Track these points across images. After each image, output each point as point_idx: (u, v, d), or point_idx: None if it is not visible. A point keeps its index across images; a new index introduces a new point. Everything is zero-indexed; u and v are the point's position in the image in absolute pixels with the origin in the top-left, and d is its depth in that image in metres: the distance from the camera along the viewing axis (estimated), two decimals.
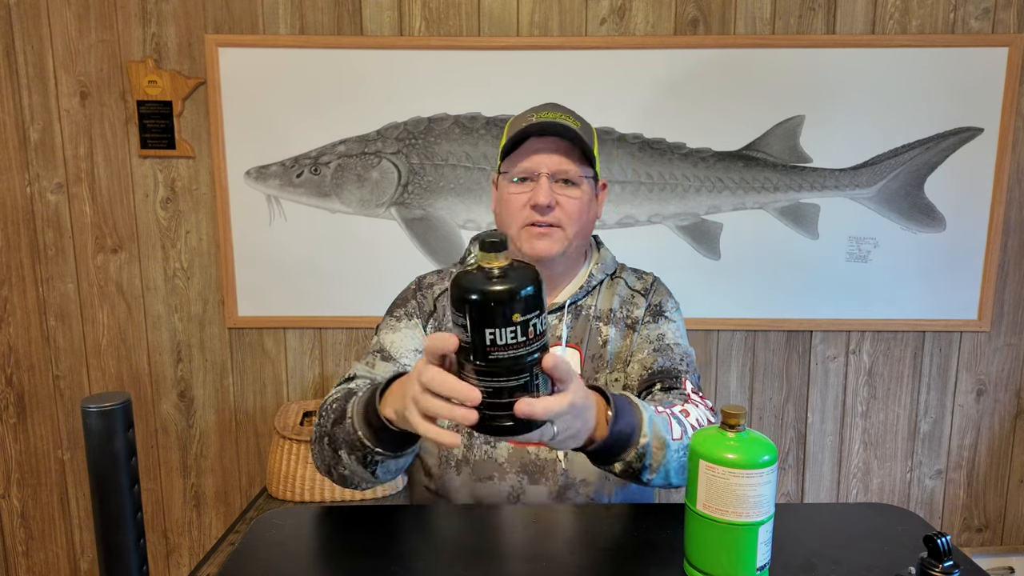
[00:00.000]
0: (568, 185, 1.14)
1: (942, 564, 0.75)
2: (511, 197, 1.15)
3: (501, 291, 0.70)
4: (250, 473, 2.22)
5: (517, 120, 1.17)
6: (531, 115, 1.15)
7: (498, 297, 0.70)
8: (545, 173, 1.12)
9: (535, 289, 0.71)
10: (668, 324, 1.19)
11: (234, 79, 2.01)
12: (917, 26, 1.98)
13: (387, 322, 1.22)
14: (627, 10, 1.99)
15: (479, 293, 0.70)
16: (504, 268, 0.72)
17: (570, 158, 1.13)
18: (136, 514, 0.74)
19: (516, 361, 0.72)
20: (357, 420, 0.92)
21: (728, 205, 2.07)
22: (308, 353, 2.16)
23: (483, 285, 0.70)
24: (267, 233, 2.09)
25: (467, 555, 0.89)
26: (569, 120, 1.13)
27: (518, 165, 1.14)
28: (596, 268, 1.23)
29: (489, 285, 0.70)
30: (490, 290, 0.70)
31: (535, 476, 1.13)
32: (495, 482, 1.13)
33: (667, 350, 1.15)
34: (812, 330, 2.15)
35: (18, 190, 2.06)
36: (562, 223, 1.13)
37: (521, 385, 0.73)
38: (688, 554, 0.82)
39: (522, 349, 0.71)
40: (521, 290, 0.70)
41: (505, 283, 0.70)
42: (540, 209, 1.12)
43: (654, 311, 1.21)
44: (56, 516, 2.25)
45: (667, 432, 0.92)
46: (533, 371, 0.73)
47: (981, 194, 2.06)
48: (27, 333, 2.14)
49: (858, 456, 2.22)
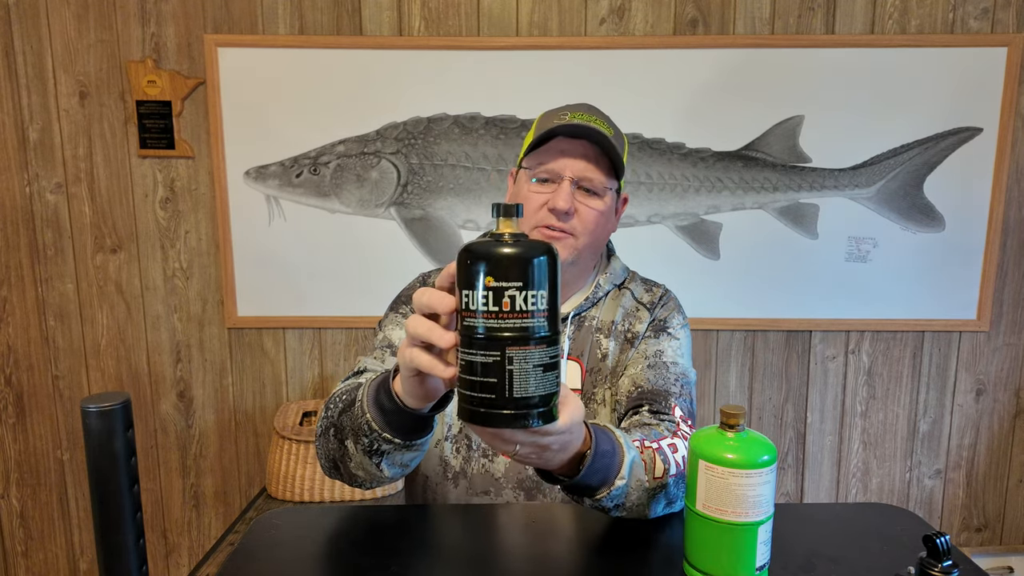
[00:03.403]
0: (590, 194, 1.09)
1: (941, 564, 0.75)
2: (530, 195, 1.10)
3: (478, 250, 0.65)
4: (249, 473, 2.22)
5: (548, 115, 1.12)
6: (564, 113, 1.09)
7: (473, 255, 0.65)
8: (569, 178, 1.07)
9: (522, 259, 0.65)
10: (669, 341, 1.14)
11: (233, 79, 2.01)
12: (916, 26, 1.99)
13: (392, 318, 1.19)
14: (626, 10, 1.99)
15: (462, 251, 0.66)
16: (513, 235, 0.67)
17: (597, 166, 1.08)
18: (136, 514, 0.74)
19: (486, 333, 0.65)
20: (367, 402, 0.87)
21: (727, 205, 2.07)
22: (307, 353, 2.16)
23: (470, 244, 0.66)
24: (266, 233, 2.09)
25: (467, 555, 0.89)
26: (603, 126, 1.08)
27: (543, 164, 1.09)
28: (604, 279, 1.19)
29: (476, 245, 0.66)
30: (469, 247, 0.66)
31: (532, 493, 1.11)
32: (491, 497, 1.12)
33: (662, 367, 1.09)
34: (811, 330, 2.15)
35: (17, 190, 2.06)
36: (576, 231, 1.09)
37: (492, 365, 0.65)
38: (688, 554, 0.82)
39: (492, 320, 0.65)
40: (502, 254, 0.65)
41: (492, 245, 0.65)
42: (558, 214, 1.07)
43: (657, 326, 1.16)
44: (55, 516, 2.25)
45: (646, 473, 0.89)
46: (506, 353, 0.65)
47: (980, 194, 2.06)
48: (26, 333, 2.14)
49: (857, 456, 2.22)
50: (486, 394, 0.66)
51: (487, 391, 0.66)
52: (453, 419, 1.15)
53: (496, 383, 0.66)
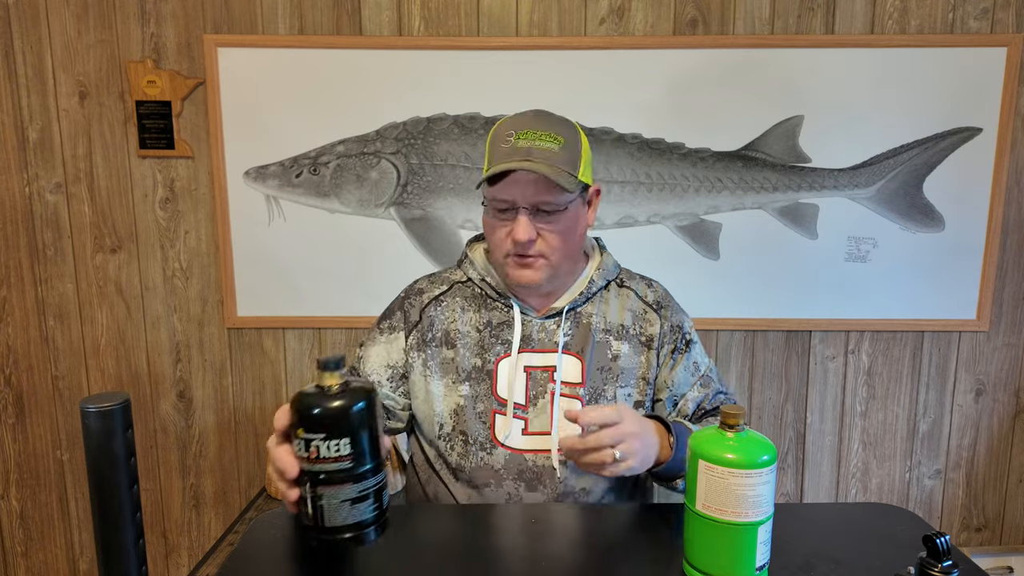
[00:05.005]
0: (550, 216, 1.09)
1: (941, 564, 0.75)
2: (494, 227, 1.13)
3: (296, 404, 0.79)
4: (249, 473, 2.22)
5: (497, 136, 1.11)
6: (510, 133, 1.08)
7: (293, 407, 0.79)
8: (523, 208, 1.08)
9: (327, 415, 0.78)
10: (696, 348, 1.24)
11: (233, 79, 2.00)
12: (916, 26, 1.99)
13: (371, 334, 1.24)
14: (626, 10, 1.99)
15: (292, 399, 0.81)
16: (323, 389, 0.80)
17: (548, 189, 1.07)
18: (135, 514, 0.74)
19: (309, 468, 0.79)
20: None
21: (727, 205, 2.07)
22: (307, 353, 2.16)
23: (298, 395, 0.80)
24: (266, 233, 2.09)
25: (467, 555, 0.89)
26: (550, 139, 1.06)
27: (497, 195, 1.09)
28: (597, 274, 1.21)
29: (299, 397, 0.80)
30: (294, 399, 0.80)
31: (532, 483, 1.12)
32: (492, 489, 1.13)
33: (705, 379, 1.22)
34: (811, 330, 2.15)
35: (17, 190, 2.06)
36: (546, 253, 1.11)
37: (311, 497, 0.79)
38: (688, 554, 0.82)
39: (305, 464, 0.79)
40: (311, 412, 0.78)
41: (307, 401, 0.79)
42: (520, 246, 1.09)
43: (678, 336, 1.22)
44: (55, 517, 2.25)
45: None
46: (316, 490, 0.78)
47: (980, 194, 2.06)
48: (26, 333, 2.14)
49: (857, 456, 2.22)
50: (307, 521, 0.81)
51: (307, 519, 0.81)
52: (444, 418, 1.16)
53: (312, 513, 0.80)
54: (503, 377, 1.15)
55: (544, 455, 1.13)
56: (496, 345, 1.16)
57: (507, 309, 1.18)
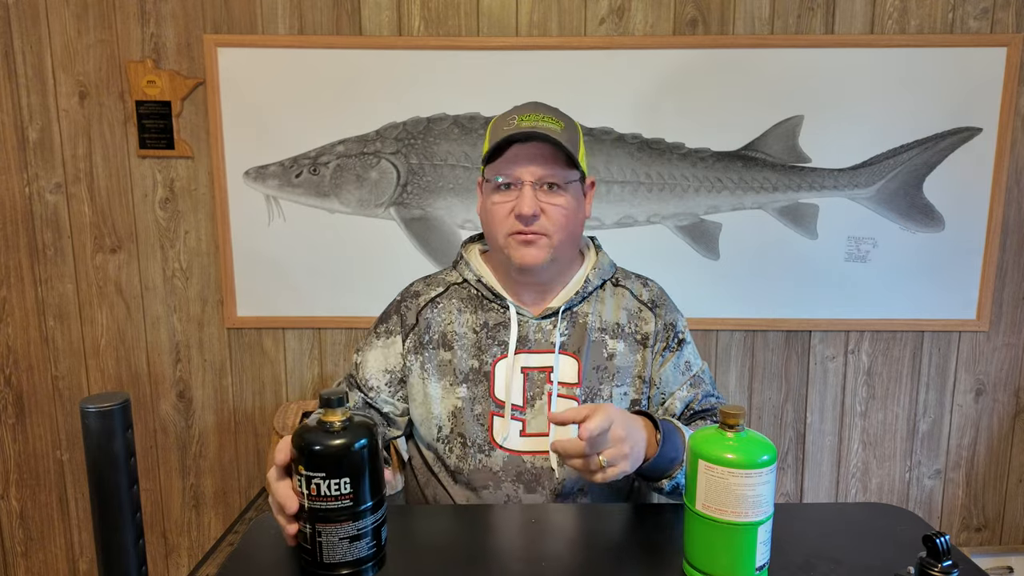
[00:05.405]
0: (553, 191, 1.10)
1: (941, 564, 0.75)
2: (495, 207, 1.12)
3: (298, 441, 0.78)
4: (249, 473, 2.22)
5: (498, 122, 1.13)
6: (512, 117, 1.11)
7: (295, 444, 0.79)
8: (529, 181, 1.09)
9: (329, 453, 0.77)
10: (688, 348, 1.22)
11: (233, 79, 2.00)
12: (916, 26, 1.99)
13: (368, 339, 1.24)
14: (626, 10, 1.99)
15: (292, 436, 0.80)
16: (327, 425, 0.79)
17: (554, 163, 1.09)
18: (135, 515, 0.74)
19: (309, 504, 0.78)
20: None
21: (727, 205, 2.07)
22: (307, 353, 2.16)
23: (298, 431, 0.80)
24: (266, 233, 2.09)
25: (466, 555, 0.88)
26: (552, 121, 1.10)
27: (501, 172, 1.11)
28: (592, 273, 1.20)
29: (300, 433, 0.79)
30: (295, 436, 0.79)
31: (531, 485, 1.12)
32: (491, 491, 1.12)
33: (696, 380, 1.20)
34: (811, 330, 2.15)
35: (16, 190, 2.06)
36: (548, 231, 1.11)
37: (310, 533, 0.79)
38: (687, 554, 0.82)
39: (305, 500, 0.79)
40: (313, 449, 0.77)
41: (308, 434, 0.78)
42: (525, 219, 1.09)
43: (670, 334, 1.21)
44: (55, 517, 2.24)
45: None
46: (315, 526, 0.78)
47: (980, 194, 2.06)
48: (26, 333, 2.13)
49: (857, 456, 2.22)
50: (306, 555, 0.80)
51: (306, 553, 0.81)
52: (443, 421, 1.16)
53: (310, 548, 0.80)
54: (500, 379, 1.15)
55: (542, 456, 1.13)
56: (493, 346, 1.16)
57: (503, 310, 1.18)
